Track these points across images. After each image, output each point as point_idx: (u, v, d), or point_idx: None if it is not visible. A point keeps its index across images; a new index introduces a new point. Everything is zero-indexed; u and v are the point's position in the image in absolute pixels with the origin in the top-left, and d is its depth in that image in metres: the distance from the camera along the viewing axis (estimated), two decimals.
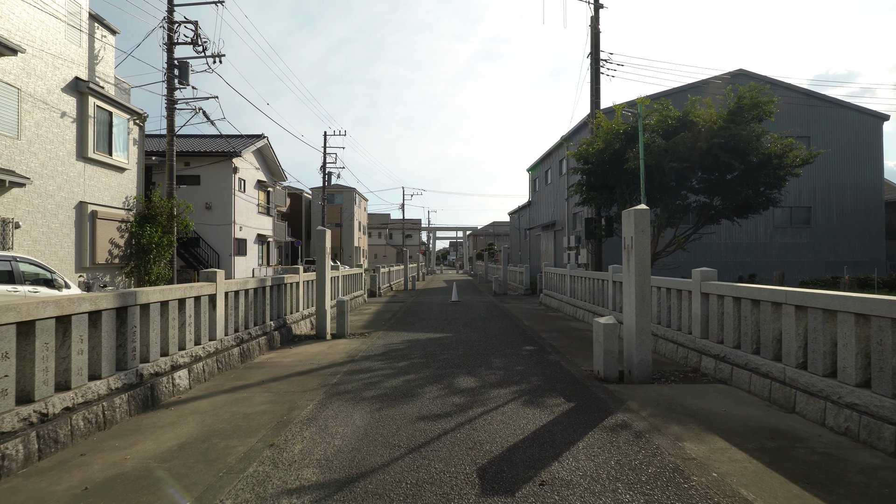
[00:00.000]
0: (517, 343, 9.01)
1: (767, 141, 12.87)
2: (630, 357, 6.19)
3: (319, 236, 9.86)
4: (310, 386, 5.90)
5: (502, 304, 17.41)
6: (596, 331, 6.38)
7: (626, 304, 6.43)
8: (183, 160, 24.20)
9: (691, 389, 5.69)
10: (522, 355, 7.80)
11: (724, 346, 6.18)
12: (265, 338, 8.30)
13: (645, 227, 6.22)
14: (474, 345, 8.78)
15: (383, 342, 9.16)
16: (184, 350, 5.90)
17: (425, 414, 4.74)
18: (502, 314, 14.01)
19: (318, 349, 8.49)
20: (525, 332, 10.51)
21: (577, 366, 7.01)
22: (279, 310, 9.32)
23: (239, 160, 24.95)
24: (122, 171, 15.27)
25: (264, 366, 7.14)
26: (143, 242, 15.13)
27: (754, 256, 24.18)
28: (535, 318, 12.92)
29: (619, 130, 14.20)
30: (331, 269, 13.44)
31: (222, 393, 5.61)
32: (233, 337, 7.18)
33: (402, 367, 6.88)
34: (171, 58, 17.00)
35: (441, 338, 9.62)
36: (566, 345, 8.82)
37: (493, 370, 6.69)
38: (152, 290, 5.33)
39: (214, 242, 24.29)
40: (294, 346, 8.83)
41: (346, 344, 9.03)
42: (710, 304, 6.55)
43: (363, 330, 10.83)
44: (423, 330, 10.77)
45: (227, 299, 7.15)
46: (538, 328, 11.04)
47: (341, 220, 52.24)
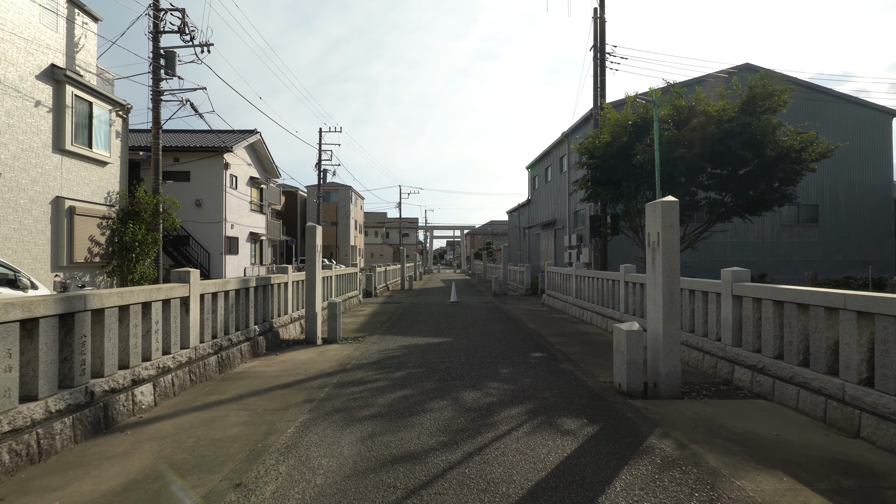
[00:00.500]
0: (524, 349, 8.29)
1: (783, 134, 12.20)
2: (656, 368, 5.48)
3: (310, 234, 9.12)
4: (293, 402, 5.16)
5: (503, 304, 16.70)
6: (617, 338, 5.67)
7: (650, 308, 5.72)
8: (172, 155, 23.39)
9: (729, 407, 4.98)
10: (531, 364, 7.08)
11: (763, 356, 5.48)
12: (248, 344, 7.55)
13: (674, 221, 5.50)
14: (477, 351, 8.05)
15: (378, 348, 8.42)
16: (149, 361, 5.15)
17: (426, 441, 4.01)
18: (504, 316, 13.29)
19: (306, 356, 7.75)
20: (531, 336, 9.80)
21: (594, 376, 6.30)
22: (265, 313, 8.57)
23: (230, 156, 24.14)
24: (103, 165, 14.47)
25: (245, 376, 6.40)
26: (125, 240, 14.34)
27: (761, 255, 23.55)
28: (539, 321, 12.21)
29: (628, 123, 13.51)
30: (323, 269, 12.70)
31: (191, 411, 4.87)
32: (210, 344, 6.43)
33: (399, 379, 6.14)
34: (156, 46, 16.19)
35: (441, 343, 8.89)
36: (577, 351, 8.11)
37: (500, 382, 5.97)
38: (108, 292, 4.58)
39: (205, 240, 23.48)
40: (281, 352, 8.09)
41: (338, 350, 8.29)
42: (745, 308, 5.85)
43: (357, 334, 10.09)
44: (421, 334, 10.04)
45: (204, 302, 6.40)
46: (544, 332, 10.33)
47: (337, 218, 51.43)
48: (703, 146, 11.74)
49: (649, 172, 12.66)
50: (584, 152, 14.93)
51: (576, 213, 27.54)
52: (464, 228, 72.02)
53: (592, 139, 14.24)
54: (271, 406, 5.02)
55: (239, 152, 25.34)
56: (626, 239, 18.06)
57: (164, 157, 23.28)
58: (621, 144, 13.37)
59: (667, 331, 5.43)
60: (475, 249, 70.31)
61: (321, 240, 9.40)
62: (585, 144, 14.57)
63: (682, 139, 12.02)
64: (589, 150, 14.62)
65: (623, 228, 15.46)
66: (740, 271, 6.07)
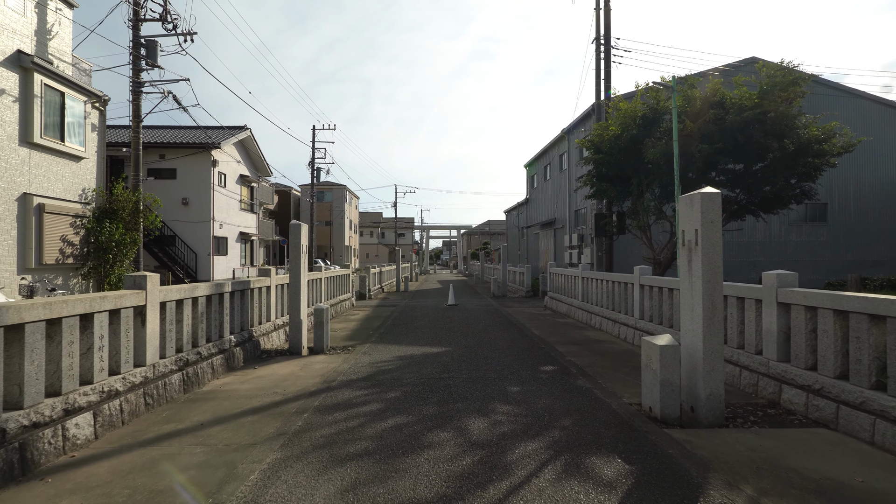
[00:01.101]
0: (532, 361, 7.44)
1: (803, 125, 11.44)
2: (694, 390, 4.65)
3: (294, 232, 8.24)
4: (263, 433, 4.29)
5: (503, 307, 15.87)
6: (647, 354, 4.83)
7: (686, 318, 4.88)
8: (157, 152, 22.45)
9: (788, 439, 4.15)
10: (542, 380, 6.23)
11: (820, 375, 4.65)
12: (221, 357, 6.68)
13: (715, 216, 4.67)
14: (480, 364, 7.20)
15: (369, 359, 7.56)
16: (89, 385, 4.27)
17: (425, 494, 3.16)
18: (506, 321, 12.45)
19: (288, 370, 6.87)
20: (537, 344, 8.96)
21: (617, 396, 5.46)
22: (243, 321, 7.70)
23: (218, 152, 23.21)
24: (77, 161, 13.54)
25: (214, 396, 5.53)
26: (101, 240, 13.41)
27: (768, 255, 22.83)
28: (544, 326, 11.38)
29: (637, 115, 12.70)
30: (311, 271, 11.83)
31: (137, 447, 4.00)
32: (172, 360, 5.55)
33: (392, 402, 5.28)
34: (136, 35, 15.28)
35: (439, 353, 8.04)
36: (591, 363, 7.27)
37: (510, 405, 5.12)
38: (31, 303, 3.70)
39: (191, 241, 22.54)
40: (260, 365, 7.22)
41: (324, 362, 7.42)
42: (794, 317, 5.02)
43: (347, 342, 9.22)
44: (416, 342, 9.18)
45: (165, 312, 5.52)
46: (551, 339, 9.49)
47: (331, 218, 50.49)
48: (722, 138, 10.94)
49: (661, 167, 11.87)
50: (590, 147, 14.12)
51: (576, 213, 26.75)
52: (460, 228, 71.19)
53: (599, 132, 13.43)
54: (236, 439, 4.16)
55: (228, 149, 24.41)
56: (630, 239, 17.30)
57: (149, 154, 22.35)
58: (630, 137, 12.55)
59: (708, 346, 4.60)
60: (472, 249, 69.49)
61: (307, 239, 8.53)
62: (591, 138, 13.75)
63: (697, 131, 11.22)
64: (595, 144, 13.80)
65: (630, 227, 14.65)
66: (786, 275, 5.25)
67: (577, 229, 26.09)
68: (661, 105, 12.63)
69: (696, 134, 11.24)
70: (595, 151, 13.87)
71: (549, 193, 31.56)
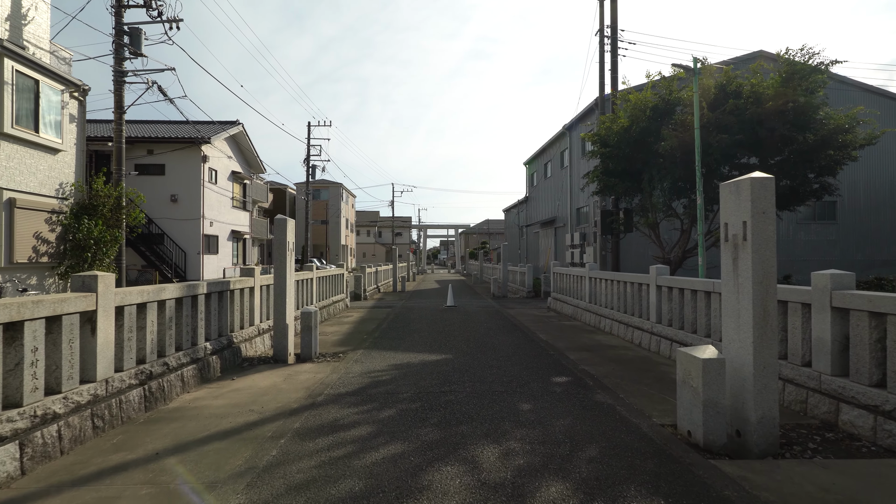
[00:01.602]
0: (542, 370, 6.72)
1: (824, 115, 10.77)
2: (742, 411, 3.94)
3: (279, 228, 7.49)
4: (229, 467, 3.55)
5: (505, 309, 15.14)
6: (685, 368, 4.11)
7: (730, 327, 4.17)
8: (145, 147, 21.65)
9: (863, 473, 3.43)
10: (556, 394, 5.51)
11: (891, 395, 3.94)
12: (194, 367, 5.93)
13: (768, 205, 3.95)
14: (485, 374, 6.47)
15: (361, 369, 6.82)
16: (17, 409, 3.52)
17: None
18: (508, 323, 11.73)
19: (269, 382, 6.13)
20: (545, 350, 8.23)
21: (645, 415, 4.74)
22: (221, 326, 6.95)
23: (209, 148, 22.42)
24: (54, 153, 12.75)
25: (180, 415, 4.78)
26: (78, 238, 12.62)
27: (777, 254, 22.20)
28: (550, 330, 10.66)
29: (648, 105, 11.99)
30: (303, 270, 11.09)
31: (69, 488, 3.25)
32: (132, 373, 4.80)
33: (385, 423, 4.54)
34: (119, 22, 14.47)
35: (439, 361, 7.31)
36: (608, 373, 6.55)
37: (523, 427, 4.39)
38: None
39: (180, 239, 21.76)
40: (240, 375, 6.47)
41: (311, 372, 6.68)
42: (854, 324, 4.31)
43: (338, 348, 8.48)
44: (414, 348, 8.45)
45: (123, 317, 4.76)
46: (560, 345, 8.77)
47: (327, 216, 49.67)
48: (741, 129, 10.25)
49: (674, 160, 11.17)
50: (596, 141, 13.42)
51: (578, 211, 26.06)
52: (458, 227, 70.45)
53: (607, 125, 12.72)
54: (194, 475, 3.41)
55: (218, 144, 23.61)
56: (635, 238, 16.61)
57: (136, 149, 21.56)
58: (640, 130, 11.85)
59: (759, 359, 3.88)
60: (470, 249, 68.78)
61: (293, 236, 7.78)
62: (599, 131, 13.05)
63: (714, 122, 10.52)
64: (601, 137, 13.10)
65: (638, 225, 13.96)
66: (842, 275, 4.54)
67: (580, 228, 25.39)
68: (674, 95, 11.93)
69: (713, 125, 10.54)
70: (602, 145, 13.17)
71: (550, 191, 30.86)
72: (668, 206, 12.83)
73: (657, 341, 7.98)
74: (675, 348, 7.38)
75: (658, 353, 7.87)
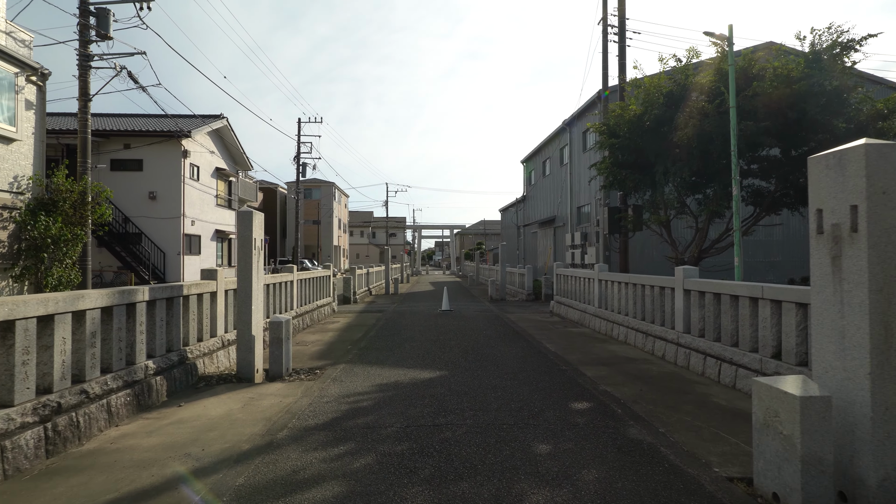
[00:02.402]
0: (556, 392, 5.60)
1: (858, 99, 9.75)
2: (853, 468, 2.83)
3: (244, 222, 6.34)
4: None
5: (504, 314, 14.03)
6: (769, 407, 2.99)
7: (827, 349, 3.06)
8: (121, 140, 20.39)
9: None
10: (580, 428, 4.38)
11: None
12: (128, 392, 4.76)
13: (890, 184, 2.85)
14: (488, 398, 5.34)
15: (339, 391, 5.68)
16: None
17: None
18: (510, 330, 10.61)
19: (223, 409, 4.97)
20: (555, 364, 7.12)
21: (701, 461, 3.62)
22: (171, 339, 5.78)
23: (190, 142, 21.18)
24: (7, 143, 11.53)
25: (89, 464, 3.62)
26: (33, 235, 11.39)
27: (787, 255, 21.23)
28: (556, 338, 9.55)
29: (662, 91, 10.94)
30: (280, 272, 9.93)
31: None
32: (26, 409, 3.63)
33: (360, 478, 3.40)
34: (84, 0, 13.29)
35: (433, 380, 6.17)
36: (636, 395, 5.44)
37: (544, 486, 3.25)
38: None
39: (159, 239, 20.50)
40: (190, 399, 5.31)
41: (278, 395, 5.53)
42: None
43: (316, 362, 7.33)
44: (404, 362, 7.31)
45: (15, 334, 3.60)
46: (571, 357, 7.66)
47: (319, 216, 48.41)
48: (768, 115, 9.20)
49: (692, 150, 10.12)
50: (604, 131, 12.36)
51: (579, 210, 25.02)
52: (453, 228, 69.35)
53: (617, 112, 11.65)
54: None
55: (200, 139, 22.37)
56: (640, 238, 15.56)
57: (112, 143, 20.32)
58: (654, 118, 10.78)
59: (879, 398, 2.78)
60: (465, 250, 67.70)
61: (261, 232, 6.64)
62: (608, 120, 11.98)
63: (737, 108, 9.47)
64: (611, 127, 12.04)
65: (648, 223, 12.88)
66: None
67: (581, 227, 24.34)
68: (690, 80, 10.87)
69: (736, 111, 9.49)
70: (610, 135, 12.11)
71: (549, 190, 29.81)
72: (682, 202, 11.79)
73: (685, 354, 6.88)
74: (709, 363, 6.29)
75: (688, 368, 6.77)
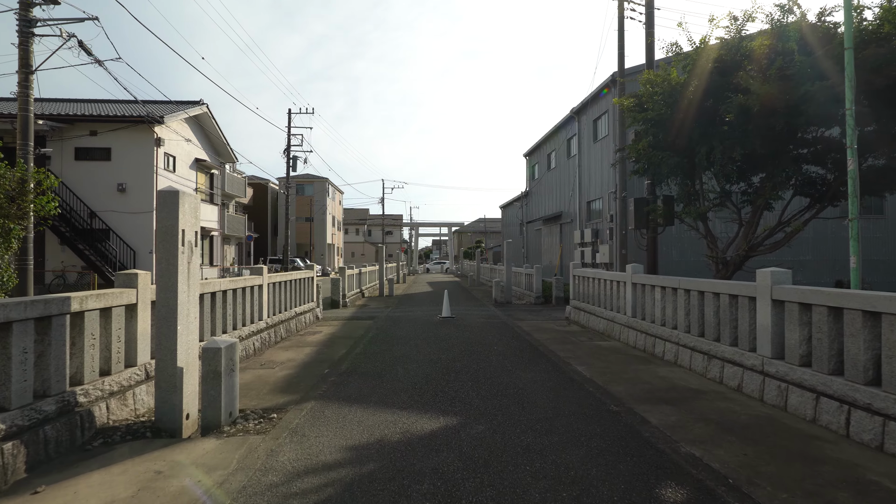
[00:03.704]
0: (622, 463, 3.73)
1: None
2: None
3: (168, 208, 4.47)
4: None
5: (514, 321, 12.18)
6: None
7: None
8: (87, 126, 18.45)
9: None
10: None
11: None
12: None
13: None
14: (523, 481, 3.47)
15: (294, 459, 3.79)
16: None
17: None
18: (526, 346, 8.76)
19: (103, 499, 3.09)
20: (602, 403, 5.26)
21: None
22: (44, 378, 3.89)
23: (164, 130, 19.24)
24: None
25: None
26: None
27: (816, 254, 19.47)
28: (585, 356, 7.70)
29: (710, 57, 9.11)
30: (247, 275, 8.04)
31: None
32: None
33: None
34: None
35: (434, 437, 4.30)
36: (745, 465, 3.57)
37: None
38: None
39: (129, 235, 18.58)
40: (64, 473, 3.42)
41: (201, 468, 3.64)
42: None
43: (277, 398, 5.44)
44: (395, 399, 5.43)
45: None
46: (617, 388, 5.80)
47: (312, 213, 46.44)
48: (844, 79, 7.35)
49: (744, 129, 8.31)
50: (633, 107, 10.53)
51: (589, 205, 23.18)
52: (451, 226, 67.47)
53: (656, 80, 9.81)
54: None
55: (176, 126, 20.43)
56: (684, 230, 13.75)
57: (76, 129, 18.39)
58: (700, 89, 8.95)
59: None
60: (464, 248, 65.80)
61: (194, 220, 4.76)
62: (644, 91, 10.12)
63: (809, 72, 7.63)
64: (641, 102, 10.23)
65: (683, 216, 11.01)
66: None
67: (591, 223, 22.52)
68: (745, 45, 8.99)
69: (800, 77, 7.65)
70: (640, 110, 10.31)
71: (555, 184, 27.97)
72: (726, 191, 10.00)
73: (779, 390, 5.04)
74: (825, 407, 4.44)
75: (784, 408, 4.92)
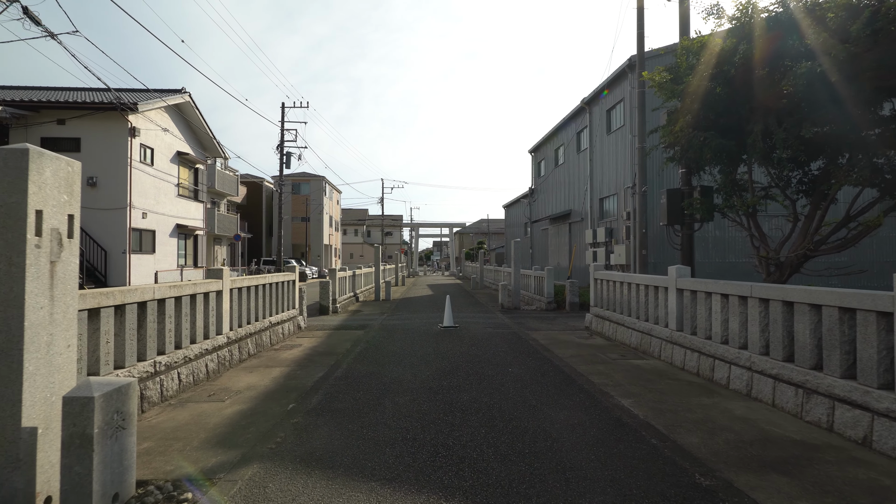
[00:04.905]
0: None
1: None
2: None
3: (8, 173, 2.83)
4: None
5: (527, 331, 10.54)
6: None
7: None
8: (54, 114, 16.83)
9: None
10: None
11: None
12: None
13: None
14: None
15: None
16: None
17: None
18: (549, 366, 7.11)
19: None
20: (675, 464, 3.61)
21: None
22: None
23: (139, 119, 17.63)
24: None
25: None
26: None
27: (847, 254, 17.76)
28: (629, 384, 6.05)
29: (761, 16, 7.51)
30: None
31: None
32: None
33: None
34: None
35: None
36: None
37: None
38: None
39: (100, 234, 16.95)
40: None
41: None
42: None
43: (209, 456, 3.79)
44: (376, 461, 3.79)
45: None
46: (689, 440, 4.16)
47: (308, 213, 44.83)
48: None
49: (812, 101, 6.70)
50: (666, 80, 8.95)
51: (601, 202, 21.54)
52: (453, 226, 65.77)
53: (695, 46, 8.21)
54: None
55: (155, 116, 18.81)
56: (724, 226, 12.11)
57: (42, 116, 16.78)
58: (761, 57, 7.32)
59: None
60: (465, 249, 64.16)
61: (57, 199, 3.11)
62: (681, 62, 8.50)
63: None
64: (677, 74, 8.65)
65: (726, 210, 9.36)
66: None
67: (604, 222, 20.87)
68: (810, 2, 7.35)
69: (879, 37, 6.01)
70: (675, 82, 8.73)
71: (563, 181, 26.33)
72: (785, 180, 8.40)
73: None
74: None
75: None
